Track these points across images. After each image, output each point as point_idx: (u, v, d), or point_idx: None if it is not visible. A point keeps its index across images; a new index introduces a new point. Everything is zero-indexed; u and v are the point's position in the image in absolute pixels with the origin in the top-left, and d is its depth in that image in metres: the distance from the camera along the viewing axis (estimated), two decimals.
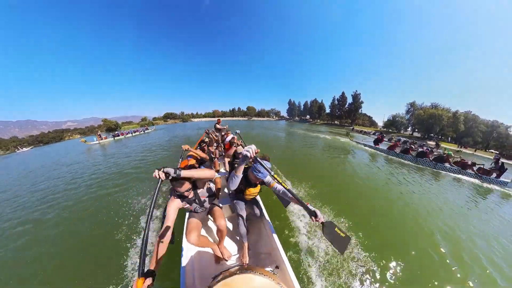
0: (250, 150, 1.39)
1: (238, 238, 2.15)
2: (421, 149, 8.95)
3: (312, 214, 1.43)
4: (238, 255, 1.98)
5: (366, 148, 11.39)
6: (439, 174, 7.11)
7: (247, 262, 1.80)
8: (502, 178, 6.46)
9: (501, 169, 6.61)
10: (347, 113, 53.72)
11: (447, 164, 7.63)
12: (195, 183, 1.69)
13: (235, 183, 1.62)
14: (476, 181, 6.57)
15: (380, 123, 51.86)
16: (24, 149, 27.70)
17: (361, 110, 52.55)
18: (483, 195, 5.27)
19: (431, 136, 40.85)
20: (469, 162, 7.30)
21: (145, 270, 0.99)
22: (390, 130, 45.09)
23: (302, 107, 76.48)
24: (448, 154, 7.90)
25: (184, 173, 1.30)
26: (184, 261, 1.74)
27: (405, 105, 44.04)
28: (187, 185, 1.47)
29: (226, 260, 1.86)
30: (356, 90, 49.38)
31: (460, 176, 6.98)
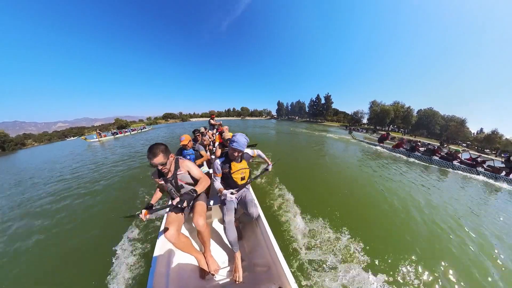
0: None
1: (229, 245, 1.74)
2: (428, 148, 9.03)
3: (266, 170, 2.00)
4: (229, 268, 1.63)
5: (372, 146, 11.27)
6: (447, 172, 6.94)
7: (241, 279, 1.43)
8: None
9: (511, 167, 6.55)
10: (322, 112, 63.69)
11: (456, 162, 7.52)
12: (178, 162, 1.56)
13: (217, 183, 1.69)
14: (485, 178, 6.49)
15: (364, 119, 57.46)
16: (72, 138, 34.62)
17: (332, 109, 63.49)
18: (495, 192, 5.25)
19: (392, 129, 48.93)
20: (479, 160, 7.25)
21: (147, 205, 1.38)
22: (358, 125, 53.31)
23: (289, 107, 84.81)
24: (456, 151, 7.74)
25: (199, 190, 1.45)
26: (155, 274, 1.27)
27: (368, 102, 52.56)
28: (160, 158, 1.32)
29: (213, 275, 1.51)
30: (328, 92, 60.93)
31: (469, 174, 6.89)
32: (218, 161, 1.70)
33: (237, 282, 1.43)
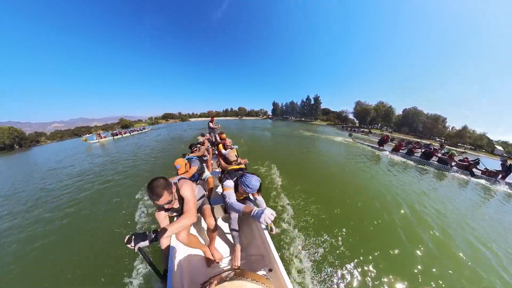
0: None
1: (230, 239, 2.11)
2: (426, 150, 9.12)
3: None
4: (230, 258, 1.94)
5: (372, 149, 11.41)
6: (443, 174, 7.03)
7: (239, 265, 1.74)
8: (507, 180, 6.55)
9: (507, 171, 6.64)
10: (312, 112, 68.11)
11: (452, 164, 7.68)
12: (179, 189, 1.53)
13: (233, 202, 1.57)
14: (482, 181, 6.60)
15: (350, 117, 60.58)
16: (87, 135, 34.75)
17: (322, 109, 68.74)
18: (490, 196, 5.30)
19: (377, 127, 53.25)
20: (471, 162, 7.33)
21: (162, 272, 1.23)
22: (347, 123, 57.92)
23: (284, 107, 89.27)
24: (452, 153, 7.96)
25: (165, 235, 1.17)
26: (172, 264, 1.61)
27: (354, 102, 56.97)
28: (166, 197, 1.26)
29: (217, 263, 1.84)
30: (317, 94, 65.50)
31: (466, 176, 7.01)
32: (230, 182, 1.80)
33: (235, 268, 1.66)
